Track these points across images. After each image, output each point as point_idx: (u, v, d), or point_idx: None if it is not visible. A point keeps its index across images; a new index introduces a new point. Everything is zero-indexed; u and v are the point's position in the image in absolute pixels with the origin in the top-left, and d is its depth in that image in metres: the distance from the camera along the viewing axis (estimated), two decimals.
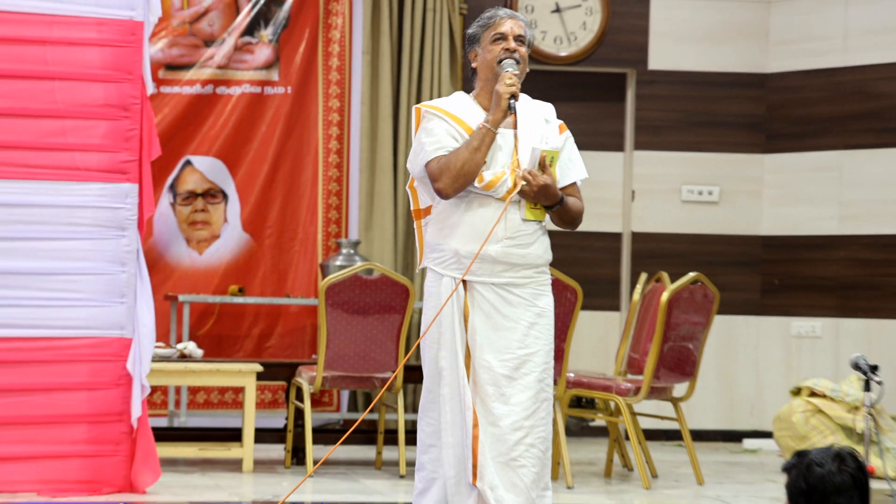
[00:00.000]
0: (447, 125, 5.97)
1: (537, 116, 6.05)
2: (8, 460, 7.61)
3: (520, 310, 5.93)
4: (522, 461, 5.89)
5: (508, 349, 5.91)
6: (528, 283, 5.94)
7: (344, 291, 8.69)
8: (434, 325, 5.94)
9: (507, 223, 5.91)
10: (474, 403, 5.89)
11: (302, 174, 10.55)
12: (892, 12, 11.01)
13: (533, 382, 5.92)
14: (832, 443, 8.95)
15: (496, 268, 5.91)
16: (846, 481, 4.25)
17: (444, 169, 5.90)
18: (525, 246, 5.93)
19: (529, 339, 5.93)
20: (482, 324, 5.92)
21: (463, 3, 10.81)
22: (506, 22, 6.04)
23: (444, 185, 5.91)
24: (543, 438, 5.95)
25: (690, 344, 8.85)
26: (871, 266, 11.09)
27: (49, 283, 7.68)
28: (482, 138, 5.88)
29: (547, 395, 5.97)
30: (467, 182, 5.89)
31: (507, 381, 5.90)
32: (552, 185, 5.88)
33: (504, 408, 5.89)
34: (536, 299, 5.95)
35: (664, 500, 8.19)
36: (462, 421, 5.90)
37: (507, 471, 5.89)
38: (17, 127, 7.66)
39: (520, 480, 5.89)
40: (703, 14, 11.50)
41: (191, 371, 8.89)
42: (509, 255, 5.91)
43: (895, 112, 11.01)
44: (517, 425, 5.89)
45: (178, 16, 10.39)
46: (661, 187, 11.46)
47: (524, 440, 5.90)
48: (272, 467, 9.08)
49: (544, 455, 5.96)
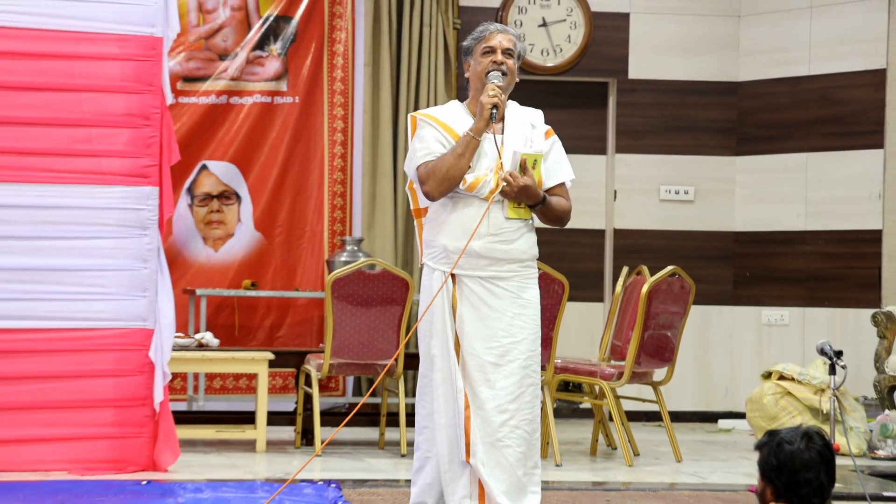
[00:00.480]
0: (437, 132, 6.02)
1: (524, 122, 6.08)
2: (41, 441, 7.64)
3: (505, 301, 5.96)
4: (508, 441, 5.92)
5: (494, 338, 5.94)
6: (513, 277, 5.97)
7: (348, 285, 8.72)
8: (427, 316, 5.98)
9: (490, 221, 5.94)
10: (465, 387, 5.93)
11: (309, 177, 10.57)
12: (852, 25, 11.02)
13: (517, 369, 5.95)
14: (801, 423, 8.99)
15: (481, 262, 5.95)
16: (813, 458, 4.29)
17: (430, 173, 5.94)
18: (508, 242, 5.96)
19: (514, 329, 5.96)
20: (469, 314, 5.95)
21: (457, 19, 10.83)
22: (495, 36, 6.08)
23: (430, 188, 5.97)
24: (529, 421, 5.97)
25: (669, 332, 8.88)
26: (835, 259, 11.11)
27: (77, 279, 7.71)
28: (466, 145, 5.92)
29: (533, 380, 5.99)
30: (452, 185, 5.93)
31: (492, 368, 5.93)
32: (532, 186, 5.91)
33: (489, 392, 5.92)
34: (521, 292, 5.98)
35: (645, 476, 8.21)
36: (454, 403, 5.93)
37: (494, 451, 5.91)
38: (47, 135, 7.68)
39: (505, 459, 5.91)
40: (679, 27, 11.52)
41: (208, 359, 8.92)
42: (493, 250, 5.95)
43: (856, 117, 11.03)
44: (502, 408, 5.92)
45: (194, 32, 10.41)
46: (641, 187, 11.48)
47: (509, 422, 5.92)
48: (283, 447, 9.10)
49: (531, 436, 5.98)
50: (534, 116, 6.15)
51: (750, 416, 9.58)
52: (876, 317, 9.88)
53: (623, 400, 9.11)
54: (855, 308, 10.92)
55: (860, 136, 11.01)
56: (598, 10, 11.42)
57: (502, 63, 6.02)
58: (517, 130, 6.04)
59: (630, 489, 7.69)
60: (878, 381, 9.80)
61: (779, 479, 4.31)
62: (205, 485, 7.28)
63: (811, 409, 9.28)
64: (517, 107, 6.15)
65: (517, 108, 6.14)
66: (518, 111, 6.12)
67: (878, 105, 10.92)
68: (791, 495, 4.29)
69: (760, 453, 4.36)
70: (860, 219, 10.97)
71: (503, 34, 6.08)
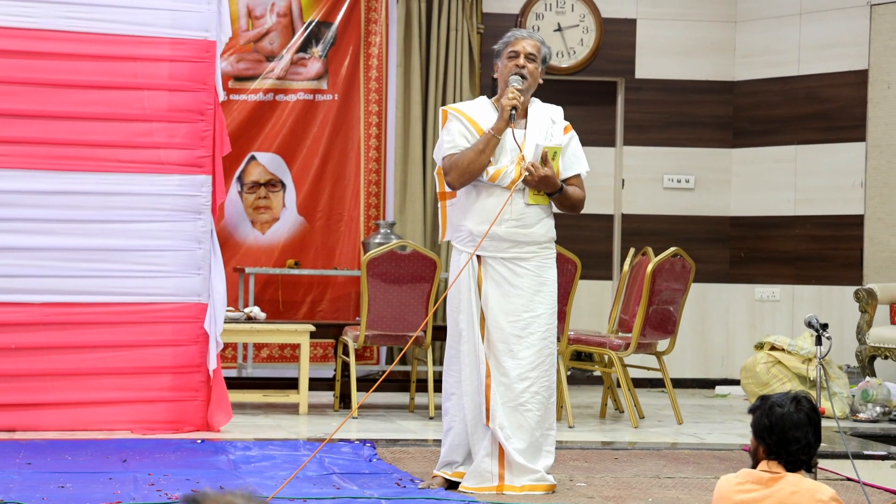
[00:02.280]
0: (463, 127, 6.02)
1: (545, 118, 6.09)
2: (106, 404, 7.69)
3: (526, 280, 5.97)
4: (529, 406, 5.94)
5: (515, 312, 5.96)
6: (533, 258, 5.99)
7: (382, 264, 8.72)
8: (455, 293, 6.00)
9: (512, 207, 5.95)
10: (488, 358, 5.95)
11: (347, 167, 10.57)
12: (837, 31, 10.98)
13: (537, 341, 5.97)
14: (790, 389, 8.97)
15: (504, 245, 5.96)
16: (801, 419, 4.28)
17: (453, 166, 5.96)
18: (529, 226, 5.97)
19: (534, 304, 5.98)
20: (493, 291, 5.96)
21: (480, 25, 10.80)
22: (520, 42, 6.08)
23: (452, 180, 5.99)
24: (547, 387, 6.00)
25: (671, 307, 8.86)
26: (822, 242, 11.08)
27: (139, 258, 7.74)
28: (487, 142, 5.93)
29: (550, 350, 6.01)
30: (472, 178, 5.95)
31: (515, 339, 5.94)
32: (552, 176, 5.93)
33: (512, 362, 5.94)
34: (541, 271, 5.99)
35: (650, 437, 8.20)
36: (477, 373, 5.95)
37: (515, 414, 5.94)
38: (112, 129, 7.71)
39: (525, 422, 5.94)
40: (681, 32, 11.48)
41: (256, 330, 8.93)
42: (514, 234, 5.96)
43: (841, 113, 10.98)
44: (524, 376, 5.94)
45: (244, 36, 10.41)
46: (646, 176, 11.46)
47: (530, 388, 5.95)
48: (323, 410, 9.11)
49: (548, 401, 6.00)
50: (554, 113, 6.16)
51: (744, 382, 9.57)
52: (858, 293, 9.85)
53: (630, 368, 9.10)
54: (839, 286, 10.88)
55: (844, 131, 10.96)
56: (608, 16, 11.38)
57: (523, 67, 6.02)
58: (539, 125, 6.04)
59: (636, 448, 7.68)
60: (859, 351, 9.77)
61: (770, 438, 4.30)
62: (253, 443, 7.30)
63: (799, 376, 9.26)
64: (540, 104, 6.15)
65: (540, 105, 6.14)
66: (540, 108, 6.13)
67: (861, 102, 10.87)
68: (781, 452, 4.28)
69: (753, 415, 4.35)
70: (844, 205, 10.93)
71: (527, 40, 6.08)
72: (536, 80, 6.09)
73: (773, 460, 4.30)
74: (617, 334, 9.10)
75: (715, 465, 7.09)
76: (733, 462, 7.13)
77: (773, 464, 4.30)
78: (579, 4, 11.33)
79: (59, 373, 7.63)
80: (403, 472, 6.50)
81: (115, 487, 5.88)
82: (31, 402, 7.59)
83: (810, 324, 6.45)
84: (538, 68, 6.08)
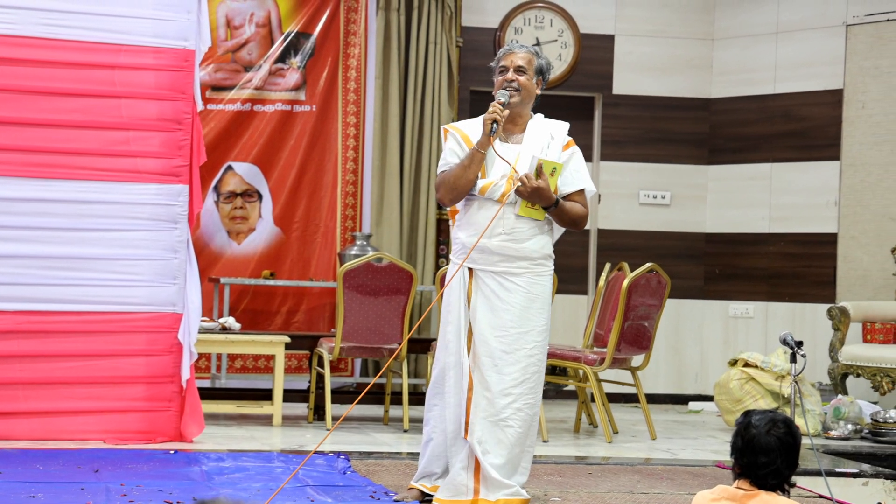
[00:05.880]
0: (456, 144, 6.02)
1: (544, 133, 6.04)
2: (79, 413, 7.63)
3: (515, 295, 5.93)
4: (510, 422, 5.91)
5: (503, 328, 5.92)
6: (525, 273, 5.94)
7: (358, 276, 8.69)
8: (445, 304, 6.00)
9: (503, 221, 5.92)
10: (472, 372, 5.92)
11: (324, 178, 10.53)
12: (813, 50, 11.01)
13: (523, 357, 5.93)
14: (763, 406, 8.96)
15: (494, 258, 5.93)
16: (772, 443, 4.26)
17: (441, 182, 5.96)
18: (520, 241, 5.94)
19: (523, 321, 5.94)
20: (483, 305, 5.94)
21: (459, 38, 10.78)
22: (509, 56, 6.05)
23: (441, 196, 5.99)
24: (531, 405, 5.96)
25: (646, 322, 8.85)
26: (796, 259, 11.09)
27: (114, 267, 7.69)
28: (472, 157, 5.91)
29: (537, 368, 5.97)
30: (461, 193, 5.93)
31: (501, 355, 5.91)
32: (545, 189, 5.87)
33: (497, 376, 5.91)
34: (531, 287, 5.95)
35: (623, 452, 8.18)
36: (461, 385, 5.92)
37: (496, 429, 5.90)
38: (89, 137, 7.66)
39: (506, 437, 5.90)
40: (658, 49, 11.49)
41: (230, 341, 8.88)
42: (505, 248, 5.93)
43: (816, 132, 11.01)
44: (507, 392, 5.90)
45: (223, 46, 10.36)
46: (623, 192, 11.45)
47: (513, 404, 5.91)
48: (297, 422, 9.07)
49: (531, 418, 5.97)
50: (556, 129, 6.10)
51: (717, 398, 9.56)
52: (831, 311, 9.85)
53: (604, 383, 9.08)
54: (812, 303, 10.90)
55: (819, 149, 10.99)
56: (587, 31, 11.39)
57: (513, 80, 5.98)
58: (536, 139, 6.01)
59: (609, 463, 7.66)
60: (832, 369, 9.77)
61: (742, 459, 4.31)
62: (226, 454, 7.27)
63: (772, 393, 9.26)
64: (541, 119, 6.11)
65: (541, 120, 6.10)
66: (541, 123, 6.08)
67: (836, 121, 10.90)
68: (751, 473, 4.29)
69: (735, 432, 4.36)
70: (818, 223, 10.94)
71: (516, 54, 6.04)
72: (531, 92, 6.03)
73: (746, 479, 4.30)
74: (592, 349, 9.08)
75: (689, 480, 7.07)
76: (707, 478, 7.12)
77: (746, 482, 4.30)
78: (558, 20, 11.34)
79: (31, 381, 7.56)
80: (378, 485, 6.47)
81: (86, 497, 5.84)
82: (3, 410, 7.52)
83: (785, 341, 6.44)
84: (532, 79, 6.02)
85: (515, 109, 6.01)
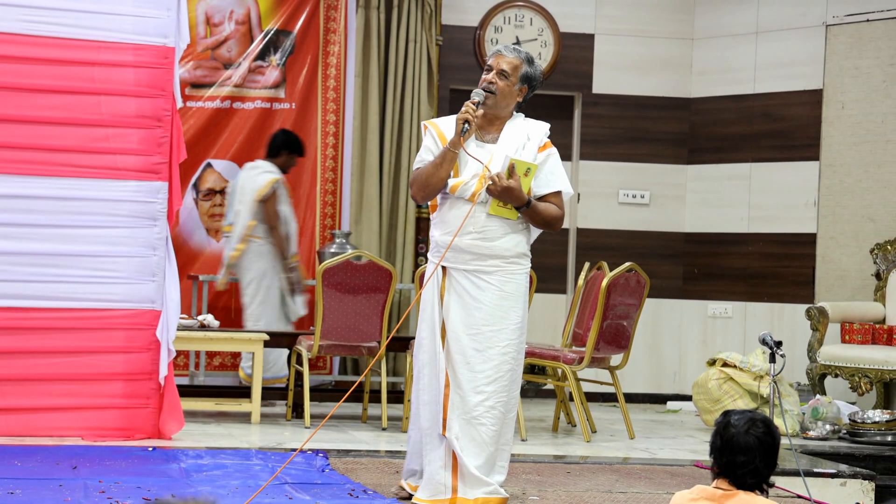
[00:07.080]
0: (432, 141, 6.03)
1: (521, 133, 6.04)
2: (57, 410, 7.62)
3: (488, 294, 5.95)
4: (483, 420, 5.92)
5: (475, 326, 5.94)
6: (496, 272, 5.96)
7: (337, 274, 8.69)
8: (421, 303, 6.02)
9: (474, 220, 5.94)
10: (447, 368, 5.94)
11: (303, 176, 10.53)
12: (792, 50, 11.05)
13: (496, 355, 5.95)
14: (742, 406, 9.00)
15: (465, 256, 5.95)
16: (751, 443, 4.28)
17: (415, 179, 5.99)
18: (491, 240, 5.95)
19: (495, 319, 5.96)
20: (455, 303, 5.96)
21: (439, 36, 10.79)
22: (497, 58, 6.06)
23: (414, 193, 6.02)
24: (505, 402, 5.97)
25: (625, 322, 8.88)
26: (774, 259, 11.13)
27: (93, 264, 7.68)
28: (444, 156, 5.93)
29: (511, 366, 5.98)
30: (433, 191, 5.95)
31: (473, 353, 5.93)
32: (517, 189, 5.89)
33: (469, 374, 5.93)
34: (504, 285, 5.97)
35: (602, 451, 8.20)
36: (436, 383, 5.94)
37: (469, 427, 5.93)
38: (69, 134, 7.65)
39: (479, 435, 5.92)
40: (638, 48, 11.52)
41: (209, 338, 8.88)
42: (476, 246, 5.95)
43: (795, 132, 11.05)
44: (479, 389, 5.92)
45: (202, 43, 10.36)
46: (602, 191, 11.48)
47: (485, 402, 5.93)
48: (275, 419, 9.07)
49: (505, 416, 5.98)
50: (534, 129, 6.09)
51: (696, 398, 9.59)
52: (809, 311, 9.89)
53: (582, 382, 9.10)
54: (791, 303, 10.94)
55: (798, 150, 11.03)
56: (566, 30, 11.41)
57: (493, 83, 5.99)
58: (511, 140, 6.01)
59: (588, 462, 7.68)
60: (810, 369, 9.81)
61: (721, 458, 4.33)
62: (205, 452, 7.27)
63: (750, 393, 9.29)
64: (521, 120, 6.11)
65: (521, 120, 6.10)
66: (519, 123, 6.08)
67: (815, 122, 10.94)
68: (729, 472, 4.31)
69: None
70: (797, 223, 10.99)
71: (504, 57, 6.04)
72: (508, 98, 6.01)
73: (724, 478, 4.32)
74: (570, 348, 9.10)
75: (666, 480, 7.10)
76: (685, 477, 7.15)
77: (725, 482, 4.31)
78: (538, 18, 11.36)
79: (8, 378, 7.56)
80: (356, 483, 6.49)
81: (65, 494, 5.84)
82: None
83: (765, 341, 6.47)
84: (512, 86, 6.00)
85: (491, 111, 6.01)
